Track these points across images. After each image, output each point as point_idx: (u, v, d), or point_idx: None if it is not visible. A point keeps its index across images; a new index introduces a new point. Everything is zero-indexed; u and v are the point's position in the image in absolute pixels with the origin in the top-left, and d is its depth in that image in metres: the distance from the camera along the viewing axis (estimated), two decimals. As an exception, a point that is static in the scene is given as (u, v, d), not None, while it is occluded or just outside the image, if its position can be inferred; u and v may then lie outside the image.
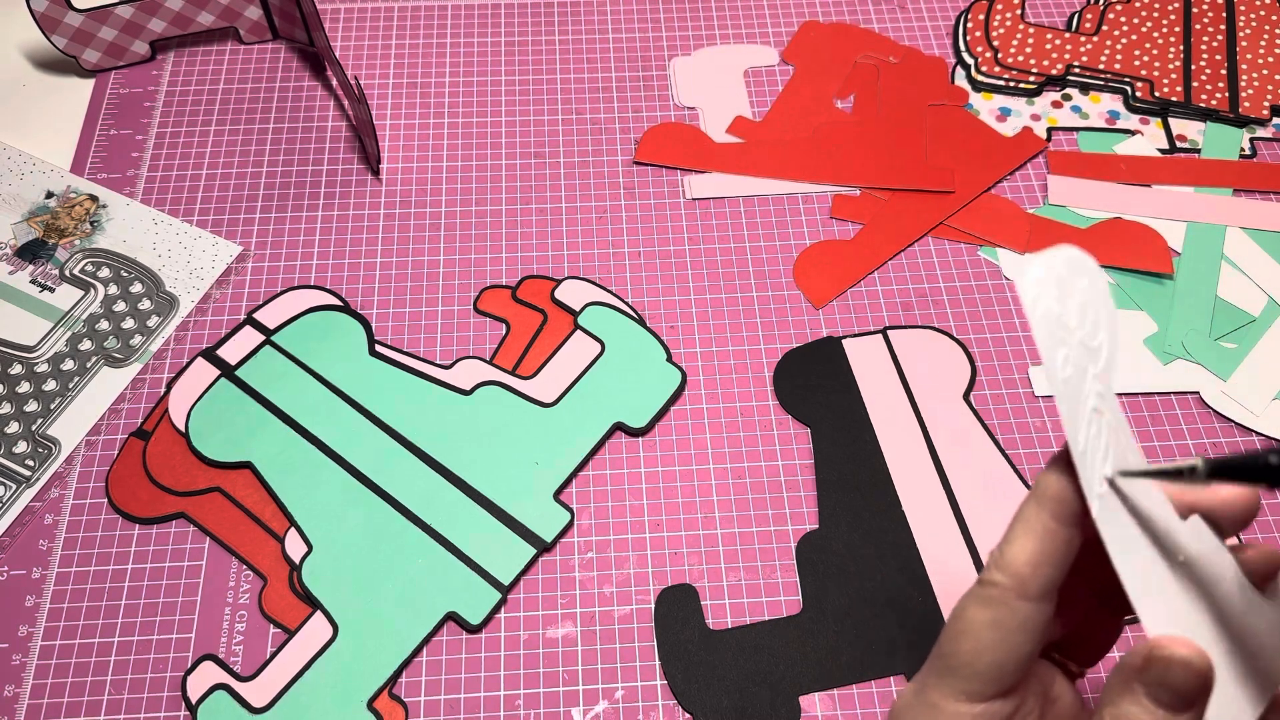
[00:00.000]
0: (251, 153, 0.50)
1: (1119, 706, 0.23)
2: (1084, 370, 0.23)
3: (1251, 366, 0.44)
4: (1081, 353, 0.23)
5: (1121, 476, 0.23)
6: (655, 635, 0.37)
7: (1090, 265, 0.23)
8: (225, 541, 0.39)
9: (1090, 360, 0.23)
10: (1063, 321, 0.22)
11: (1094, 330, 0.23)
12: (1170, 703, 0.22)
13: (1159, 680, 0.22)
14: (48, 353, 0.43)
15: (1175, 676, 0.22)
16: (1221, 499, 0.24)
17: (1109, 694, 0.23)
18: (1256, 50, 0.54)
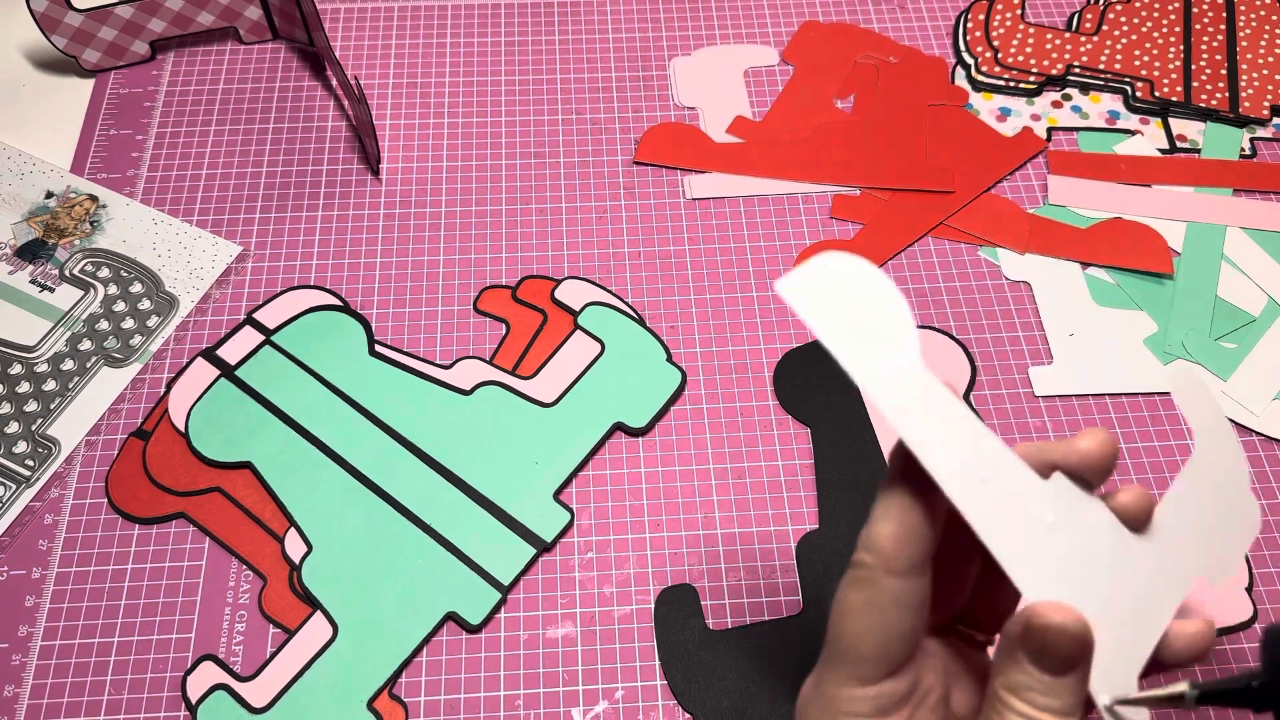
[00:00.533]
0: (251, 153, 0.50)
1: (1008, 676, 0.23)
2: (888, 356, 0.23)
3: (1251, 366, 0.44)
4: (877, 341, 0.23)
5: (1120, 705, 0.24)
6: (655, 635, 0.37)
7: (846, 261, 0.24)
8: (225, 541, 0.39)
9: (891, 345, 0.23)
10: (845, 319, 0.23)
11: (879, 315, 0.24)
12: (1053, 668, 0.23)
13: (1039, 647, 0.23)
14: (47, 353, 0.43)
15: (1054, 642, 0.23)
16: (1080, 453, 0.24)
17: (997, 664, 0.24)
18: (1256, 50, 0.54)
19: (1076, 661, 0.23)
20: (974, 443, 0.23)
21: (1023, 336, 0.45)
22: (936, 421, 0.23)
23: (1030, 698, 0.23)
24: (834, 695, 0.25)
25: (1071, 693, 0.23)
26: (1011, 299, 0.46)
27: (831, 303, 0.23)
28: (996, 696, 0.23)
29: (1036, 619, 0.23)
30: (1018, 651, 0.23)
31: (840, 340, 0.23)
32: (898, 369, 0.23)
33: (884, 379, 0.23)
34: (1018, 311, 0.45)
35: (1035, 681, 0.23)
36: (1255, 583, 0.39)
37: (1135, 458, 0.41)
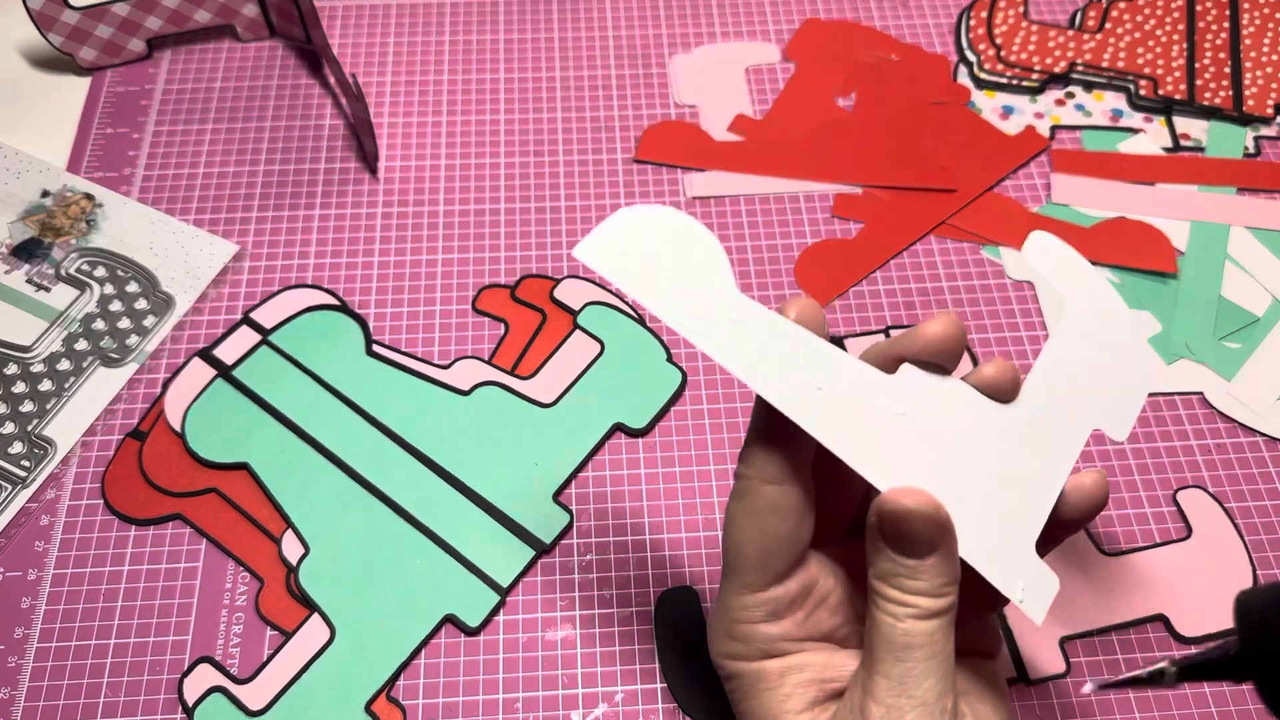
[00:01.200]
0: (249, 151, 0.49)
1: (877, 565, 0.24)
2: (698, 293, 0.23)
3: (1256, 366, 0.44)
4: (686, 281, 0.23)
5: (1101, 688, 0.25)
6: (655, 638, 0.37)
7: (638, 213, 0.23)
8: (222, 543, 0.38)
9: (700, 280, 0.23)
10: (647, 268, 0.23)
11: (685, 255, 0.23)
12: (913, 551, 0.23)
13: (895, 534, 0.23)
14: (43, 353, 0.42)
15: (908, 527, 0.23)
16: (924, 338, 0.25)
17: (868, 556, 0.24)
18: (1261, 48, 0.54)
19: (936, 542, 0.23)
20: (803, 356, 0.23)
21: (1025, 336, 0.44)
22: (758, 344, 0.23)
23: (899, 583, 0.23)
24: (728, 604, 0.26)
25: (939, 573, 0.23)
26: (1014, 298, 0.45)
27: (633, 255, 0.23)
28: (871, 588, 0.24)
29: (885, 505, 0.23)
30: (879, 540, 0.24)
31: (645, 290, 0.23)
32: (710, 302, 0.23)
33: (697, 316, 0.23)
34: (1020, 311, 0.45)
35: (900, 567, 0.23)
36: (1257, 583, 0.38)
37: (1139, 458, 0.41)
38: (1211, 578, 0.38)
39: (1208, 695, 0.36)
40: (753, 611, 0.25)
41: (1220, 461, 0.41)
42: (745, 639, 0.26)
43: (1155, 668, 0.24)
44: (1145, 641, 0.37)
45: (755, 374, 0.23)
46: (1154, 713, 0.36)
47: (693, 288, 0.23)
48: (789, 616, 0.25)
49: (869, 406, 0.24)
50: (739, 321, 0.23)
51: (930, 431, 0.24)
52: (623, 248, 0.23)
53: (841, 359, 0.24)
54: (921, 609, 0.23)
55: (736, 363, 0.23)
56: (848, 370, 0.24)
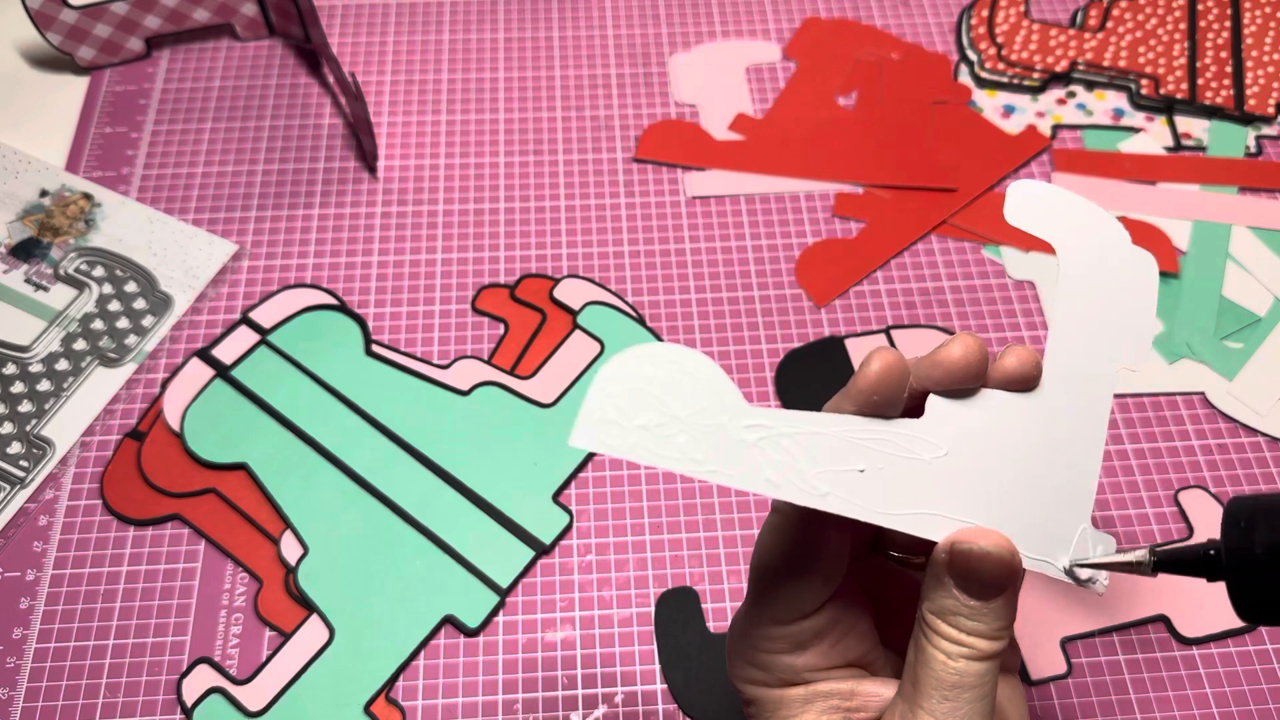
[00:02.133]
0: (247, 150, 0.49)
1: (935, 601, 0.23)
2: (724, 428, 0.21)
3: (1257, 366, 0.43)
4: (701, 420, 0.21)
5: (1079, 567, 0.24)
6: (655, 638, 0.37)
7: (619, 370, 0.21)
8: (220, 543, 0.38)
9: (712, 418, 0.21)
10: (652, 429, 0.21)
11: (696, 396, 0.21)
12: (980, 593, 0.23)
13: (965, 574, 0.23)
14: (42, 352, 0.42)
15: (979, 568, 0.22)
16: (944, 369, 0.23)
17: (925, 588, 0.23)
18: (1262, 47, 0.54)
19: (1004, 586, 0.23)
20: (837, 445, 0.22)
21: (1026, 336, 0.44)
22: (786, 454, 0.22)
23: (957, 622, 0.23)
24: (751, 633, 0.25)
25: (999, 616, 0.23)
26: (1015, 298, 0.45)
27: (631, 424, 0.21)
28: (924, 621, 0.23)
29: (961, 545, 0.23)
30: (944, 577, 0.23)
31: (658, 455, 0.21)
32: (726, 435, 0.21)
33: (718, 457, 0.21)
34: (1021, 311, 0.45)
35: (962, 606, 0.23)
36: (1261, 585, 0.38)
37: (1140, 458, 0.41)
38: (1213, 578, 0.38)
39: (1209, 696, 0.36)
40: (778, 643, 0.25)
41: (1222, 461, 0.41)
42: (767, 668, 0.25)
43: (1133, 556, 0.24)
44: (1146, 642, 0.37)
45: (794, 489, 0.22)
46: (1154, 713, 0.36)
47: (703, 426, 0.21)
48: (814, 647, 0.25)
49: (911, 461, 0.23)
50: (759, 440, 0.22)
51: (974, 457, 0.24)
52: (617, 419, 0.21)
53: (874, 429, 0.23)
54: (978, 650, 0.23)
55: (771, 485, 0.22)
56: (884, 437, 0.23)
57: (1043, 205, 0.26)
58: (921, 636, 0.23)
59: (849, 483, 0.22)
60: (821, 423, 0.22)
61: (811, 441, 0.22)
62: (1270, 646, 0.37)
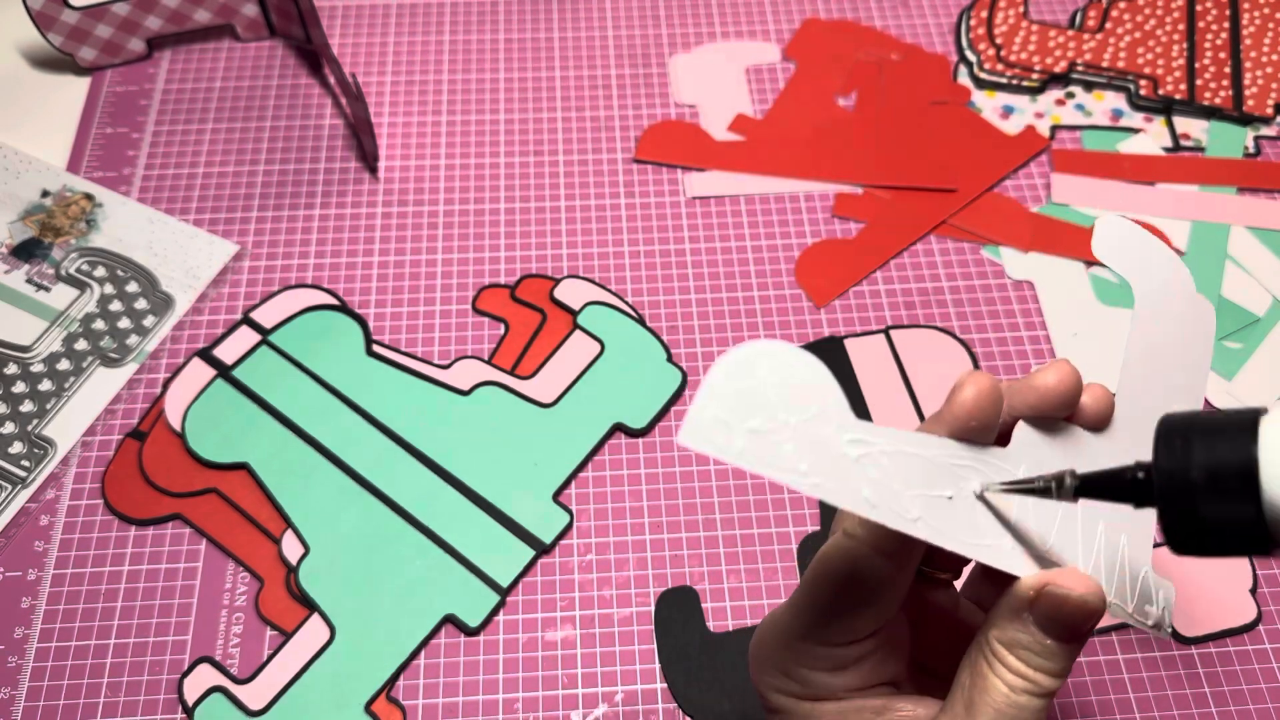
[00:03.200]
0: (248, 151, 0.49)
1: (1005, 631, 0.23)
2: (827, 441, 0.20)
3: (1256, 366, 0.44)
4: (808, 429, 0.20)
5: (990, 491, 0.23)
6: (655, 638, 0.37)
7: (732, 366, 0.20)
8: (222, 543, 0.38)
9: (819, 428, 0.20)
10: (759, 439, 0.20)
11: (805, 402, 0.20)
12: (1060, 635, 0.22)
13: (1050, 615, 0.22)
14: (43, 352, 0.42)
15: (1067, 613, 0.22)
16: (1038, 395, 0.23)
17: (997, 617, 0.23)
18: (1261, 48, 0.54)
19: (1085, 631, 0.22)
20: (932, 468, 0.22)
21: (1026, 336, 0.44)
22: (884, 473, 0.21)
23: (1025, 656, 0.22)
24: (794, 645, 0.25)
25: (1068, 657, 0.23)
26: (1014, 298, 0.45)
27: (740, 426, 0.20)
28: (990, 648, 0.23)
29: (1054, 588, 0.22)
30: (1024, 612, 0.22)
31: (764, 461, 0.20)
32: (830, 446, 0.20)
33: (822, 469, 0.20)
34: (1021, 311, 0.45)
35: (1036, 644, 0.22)
36: (1260, 584, 0.38)
37: (1139, 458, 0.41)
38: (1211, 577, 0.38)
39: (1208, 695, 0.36)
40: (819, 662, 0.24)
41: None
42: (805, 681, 0.25)
43: (1053, 475, 0.22)
44: (1146, 642, 0.37)
45: (888, 512, 0.21)
46: (1154, 713, 0.36)
47: (810, 436, 0.20)
48: (856, 669, 0.24)
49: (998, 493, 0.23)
50: (861, 455, 0.21)
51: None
52: (727, 420, 0.19)
53: (967, 455, 0.22)
54: (1041, 687, 0.22)
55: (869, 505, 0.21)
56: (974, 464, 0.23)
57: (1125, 242, 0.25)
58: (983, 663, 0.23)
59: (938, 509, 0.22)
60: (918, 443, 0.22)
61: (908, 463, 0.21)
62: (1270, 646, 0.37)
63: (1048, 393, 0.23)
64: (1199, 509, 0.19)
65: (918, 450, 0.22)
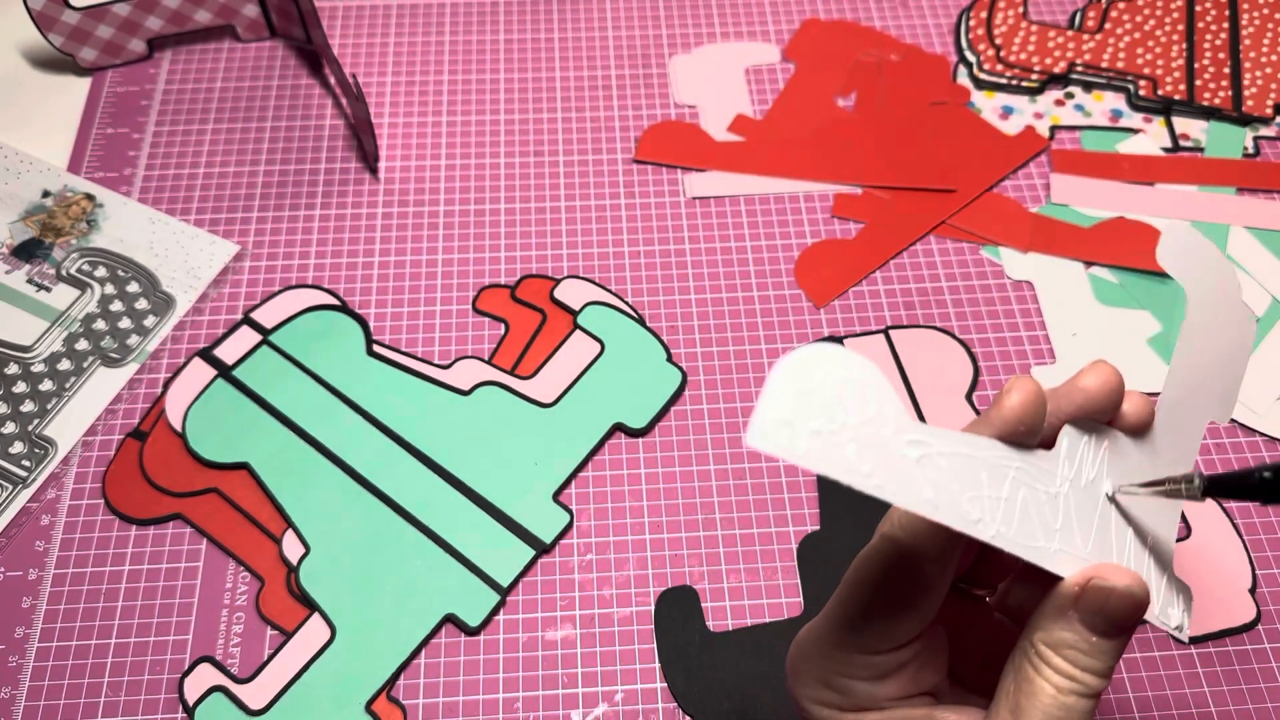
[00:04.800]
0: (249, 151, 0.49)
1: (1050, 632, 0.23)
2: (886, 442, 0.21)
3: (1255, 366, 0.44)
4: (868, 431, 0.20)
5: (1121, 493, 0.23)
6: (655, 637, 0.37)
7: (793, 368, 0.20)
8: (222, 543, 0.38)
9: (879, 430, 0.21)
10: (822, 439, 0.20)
11: (863, 404, 0.20)
12: (1106, 630, 0.22)
13: (1096, 609, 0.22)
14: (44, 352, 0.42)
15: (1113, 606, 0.22)
16: (1083, 397, 0.23)
17: (1041, 619, 0.23)
18: (1260, 48, 0.54)
19: (1131, 625, 0.23)
20: (986, 469, 0.22)
21: (1025, 336, 0.44)
22: (940, 474, 0.21)
23: (1072, 656, 0.22)
24: (833, 655, 0.25)
25: (1114, 654, 0.23)
26: (1014, 298, 0.45)
27: (804, 427, 0.20)
28: (1035, 650, 0.23)
29: (1100, 581, 0.22)
30: (1069, 610, 0.23)
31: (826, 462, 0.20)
32: (890, 449, 0.21)
33: (881, 471, 0.21)
34: (1020, 311, 0.45)
35: (1082, 641, 0.22)
36: (1259, 584, 0.38)
37: (1138, 458, 0.41)
38: (1211, 578, 0.38)
39: (1208, 695, 0.36)
40: (861, 670, 0.24)
41: (1220, 461, 0.41)
42: (846, 691, 0.25)
43: (1182, 476, 0.23)
44: (1145, 642, 0.37)
45: (950, 512, 0.21)
46: (1154, 713, 0.36)
47: (870, 438, 0.20)
48: (896, 678, 0.24)
49: (1043, 494, 0.23)
50: (921, 456, 0.21)
51: (1090, 495, 0.24)
52: (791, 421, 0.20)
53: (1016, 457, 0.23)
54: (1087, 687, 0.22)
55: (931, 506, 0.21)
56: (1024, 466, 0.23)
57: (1190, 250, 0.26)
58: (1029, 667, 0.23)
59: (995, 510, 0.22)
60: (974, 445, 0.22)
61: (965, 464, 0.22)
62: (1270, 646, 0.37)
63: (1092, 394, 0.23)
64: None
65: (972, 451, 0.22)
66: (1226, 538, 0.39)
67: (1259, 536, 0.39)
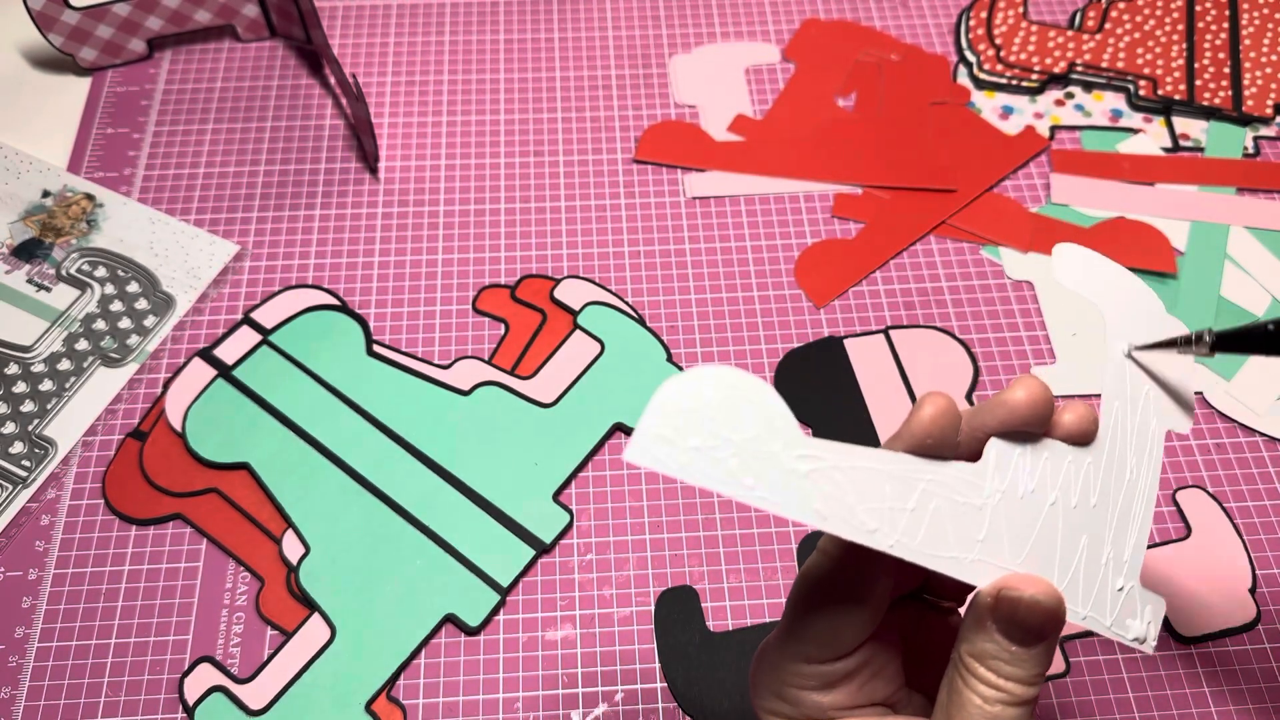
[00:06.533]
0: (249, 151, 0.49)
1: (974, 644, 0.23)
2: (774, 456, 0.21)
3: (1255, 366, 0.44)
4: (754, 446, 0.21)
5: (1138, 351, 0.25)
6: (655, 637, 0.37)
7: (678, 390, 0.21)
8: (222, 543, 0.38)
9: (765, 445, 0.21)
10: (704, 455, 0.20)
11: (750, 421, 0.21)
12: (1023, 639, 0.23)
13: (1009, 618, 0.23)
14: (44, 352, 0.42)
15: (1025, 614, 0.23)
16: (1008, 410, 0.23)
17: (965, 630, 0.23)
18: (1260, 48, 0.54)
19: (1047, 633, 0.23)
20: (890, 481, 0.22)
21: (1025, 336, 0.44)
22: (837, 487, 0.22)
23: (995, 666, 0.23)
24: (782, 666, 0.25)
25: (1038, 663, 0.23)
26: (1014, 298, 0.45)
27: (684, 444, 0.20)
28: (961, 663, 0.23)
29: (1009, 591, 0.23)
30: (987, 620, 0.23)
31: (707, 476, 0.20)
32: (778, 463, 0.21)
33: (767, 484, 0.21)
34: (1020, 311, 0.45)
35: (1002, 651, 0.23)
36: (1259, 584, 0.38)
37: (1138, 458, 0.41)
38: (1211, 578, 0.38)
39: (1208, 695, 0.36)
40: (808, 680, 0.25)
41: (1220, 461, 0.41)
42: (795, 702, 0.25)
43: (1194, 332, 0.24)
44: (1145, 641, 0.37)
45: (841, 523, 0.22)
46: (1154, 713, 0.36)
47: (756, 453, 0.21)
48: (843, 688, 0.25)
49: (963, 505, 0.23)
50: (811, 470, 0.21)
51: (1027, 506, 0.24)
52: (672, 438, 0.20)
53: (928, 469, 0.23)
54: (1014, 696, 0.23)
55: (820, 516, 0.21)
56: (937, 478, 0.23)
57: (1087, 269, 0.27)
58: (957, 678, 0.23)
59: (897, 521, 0.22)
60: (874, 458, 0.22)
61: (863, 477, 0.22)
62: (1270, 646, 0.37)
63: (1016, 407, 0.23)
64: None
65: (874, 465, 0.22)
66: (1226, 538, 0.39)
67: (1259, 537, 0.39)
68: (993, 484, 0.23)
